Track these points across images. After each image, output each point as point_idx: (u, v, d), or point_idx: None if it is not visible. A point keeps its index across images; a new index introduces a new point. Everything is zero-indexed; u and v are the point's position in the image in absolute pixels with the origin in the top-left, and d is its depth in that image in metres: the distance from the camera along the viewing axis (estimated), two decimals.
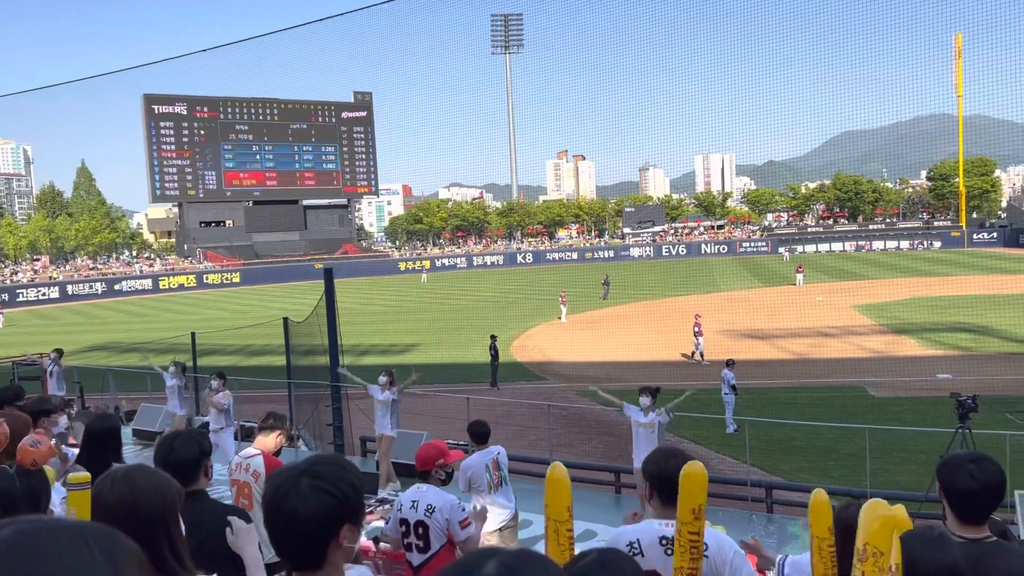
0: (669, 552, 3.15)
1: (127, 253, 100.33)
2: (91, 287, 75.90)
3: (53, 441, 4.45)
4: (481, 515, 5.49)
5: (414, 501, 5.17)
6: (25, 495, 3.09)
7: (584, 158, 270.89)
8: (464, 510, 5.15)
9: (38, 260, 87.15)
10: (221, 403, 13.52)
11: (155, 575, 2.18)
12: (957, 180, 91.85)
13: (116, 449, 4.72)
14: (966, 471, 2.99)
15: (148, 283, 79.02)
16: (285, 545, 2.01)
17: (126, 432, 14.26)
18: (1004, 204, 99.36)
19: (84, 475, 2.96)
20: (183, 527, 2.53)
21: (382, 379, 13.01)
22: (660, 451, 3.73)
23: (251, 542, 3.43)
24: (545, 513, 2.99)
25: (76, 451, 4.89)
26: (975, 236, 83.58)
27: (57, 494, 3.90)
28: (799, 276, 51.06)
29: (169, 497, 2.42)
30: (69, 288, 74.42)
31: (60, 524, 1.05)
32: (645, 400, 11.44)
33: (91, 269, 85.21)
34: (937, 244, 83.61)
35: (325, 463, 2.08)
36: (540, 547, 2.80)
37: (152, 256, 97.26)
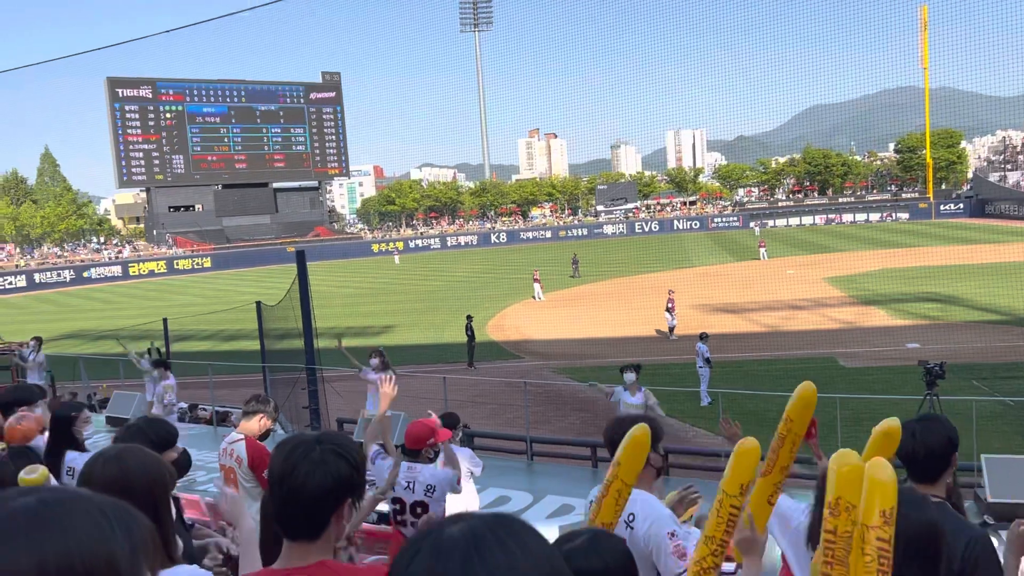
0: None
1: (95, 240, 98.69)
2: (59, 275, 74.69)
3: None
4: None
5: (408, 481, 5.16)
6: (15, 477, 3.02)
7: (556, 136, 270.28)
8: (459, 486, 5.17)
9: (3, 248, 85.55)
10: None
11: None
12: (924, 152, 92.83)
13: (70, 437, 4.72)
14: (909, 431, 3.08)
15: (118, 270, 77.92)
16: (291, 510, 2.03)
17: (99, 420, 14.11)
18: (970, 175, 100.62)
19: (37, 477, 2.90)
20: (174, 511, 2.51)
21: (373, 361, 12.96)
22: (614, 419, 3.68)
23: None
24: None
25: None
26: (942, 207, 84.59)
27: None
28: (762, 250, 52.15)
29: (160, 480, 2.37)
30: (36, 276, 73.19)
31: (82, 496, 1.08)
32: (630, 376, 11.64)
33: (58, 257, 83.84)
34: (905, 216, 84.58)
35: (335, 434, 2.14)
36: None
37: (121, 242, 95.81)
